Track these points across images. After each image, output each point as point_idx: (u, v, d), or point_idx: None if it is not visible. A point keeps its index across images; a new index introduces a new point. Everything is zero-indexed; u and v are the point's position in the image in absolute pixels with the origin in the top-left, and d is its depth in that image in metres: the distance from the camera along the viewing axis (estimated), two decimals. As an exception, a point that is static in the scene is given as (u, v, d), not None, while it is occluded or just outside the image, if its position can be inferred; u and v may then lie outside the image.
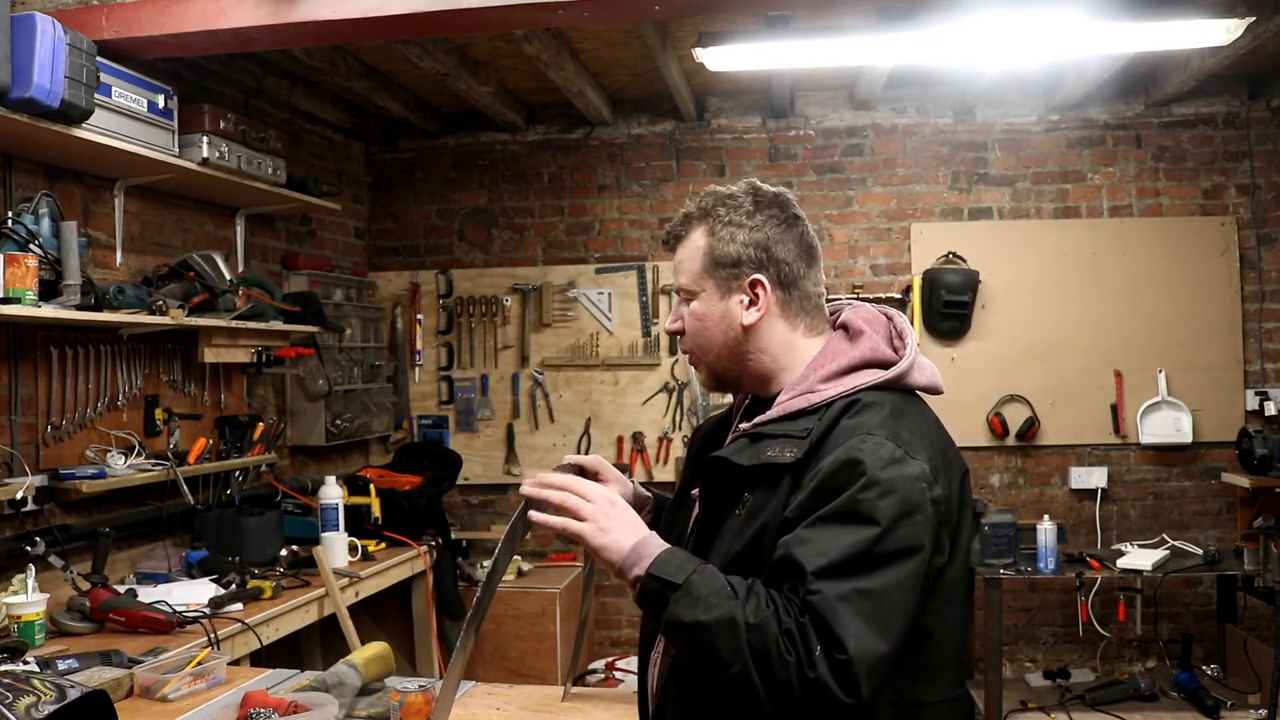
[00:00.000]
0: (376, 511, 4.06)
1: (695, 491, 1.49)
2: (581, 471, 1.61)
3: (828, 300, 1.51)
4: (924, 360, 1.42)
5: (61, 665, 2.27)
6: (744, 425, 1.42)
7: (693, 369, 1.52)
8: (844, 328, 1.45)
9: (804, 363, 1.42)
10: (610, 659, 4.60)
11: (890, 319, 1.46)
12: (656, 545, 1.30)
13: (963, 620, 1.40)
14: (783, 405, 1.38)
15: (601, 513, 1.32)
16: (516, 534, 1.39)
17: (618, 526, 1.32)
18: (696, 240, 1.45)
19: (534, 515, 1.34)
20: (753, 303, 1.42)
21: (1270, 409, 4.60)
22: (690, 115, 4.92)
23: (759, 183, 1.48)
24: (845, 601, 1.18)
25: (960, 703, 1.38)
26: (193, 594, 3.02)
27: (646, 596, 1.27)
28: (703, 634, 1.21)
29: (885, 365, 1.38)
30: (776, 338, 1.43)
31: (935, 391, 1.43)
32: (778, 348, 1.43)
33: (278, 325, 3.81)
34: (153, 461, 3.32)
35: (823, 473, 1.26)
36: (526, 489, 1.37)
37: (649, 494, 1.68)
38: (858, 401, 1.33)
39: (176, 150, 3.28)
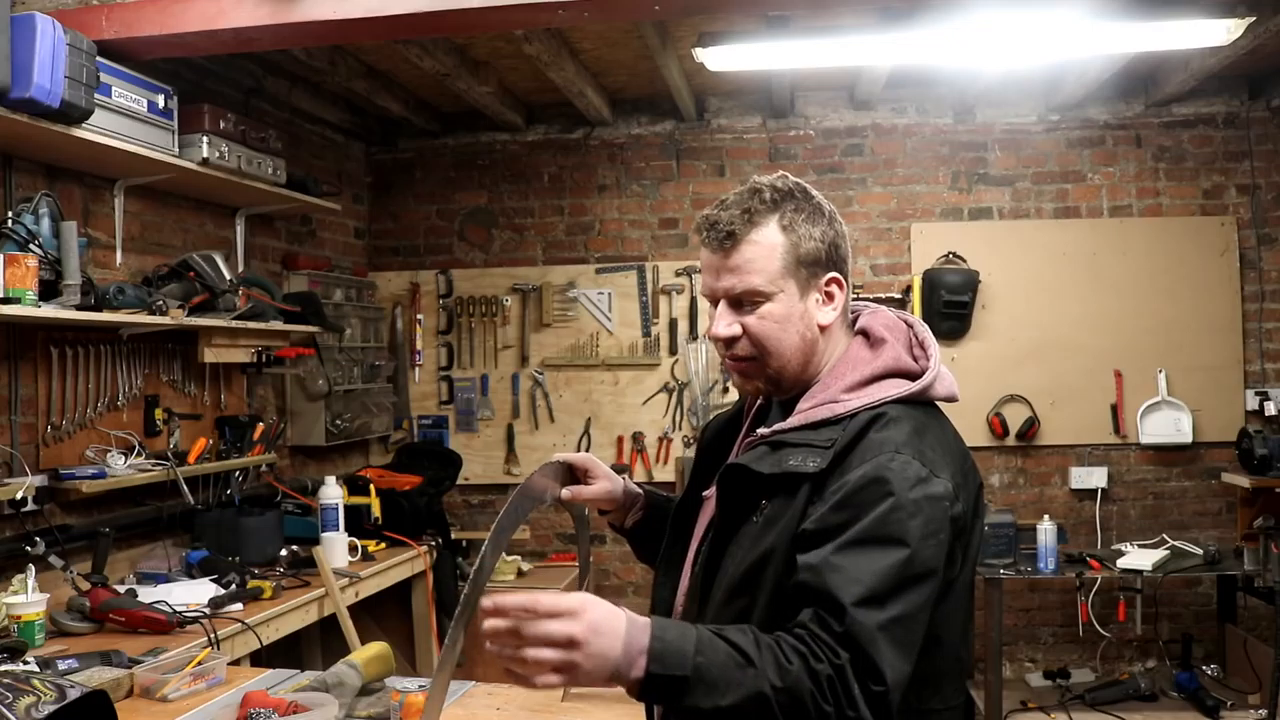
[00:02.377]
0: (376, 511, 4.06)
1: (707, 493, 1.46)
2: (570, 470, 1.60)
3: None
4: (944, 370, 1.40)
5: (61, 665, 2.27)
6: (763, 430, 1.39)
7: (734, 376, 1.44)
8: (863, 333, 1.42)
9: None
10: (610, 659, 4.59)
11: (910, 326, 1.43)
12: (640, 637, 1.13)
13: (968, 627, 1.38)
14: (804, 414, 1.35)
15: (577, 656, 1.11)
16: (485, 567, 1.26)
17: (595, 651, 1.11)
18: (769, 237, 1.35)
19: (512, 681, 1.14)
20: (827, 301, 1.39)
21: (1270, 409, 4.59)
22: (690, 115, 4.92)
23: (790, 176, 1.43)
24: (884, 631, 1.16)
25: (962, 710, 1.38)
26: (193, 594, 3.02)
27: (652, 693, 1.14)
28: (729, 717, 1.13)
29: (907, 375, 1.36)
30: (835, 338, 1.41)
31: (953, 400, 1.41)
32: (833, 348, 1.41)
33: (278, 325, 3.80)
34: (153, 461, 3.32)
35: (848, 487, 1.23)
36: (490, 646, 1.13)
37: (639, 490, 1.66)
38: (883, 415, 1.30)
39: (176, 150, 3.27)
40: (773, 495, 1.31)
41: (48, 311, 2.71)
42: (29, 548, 2.84)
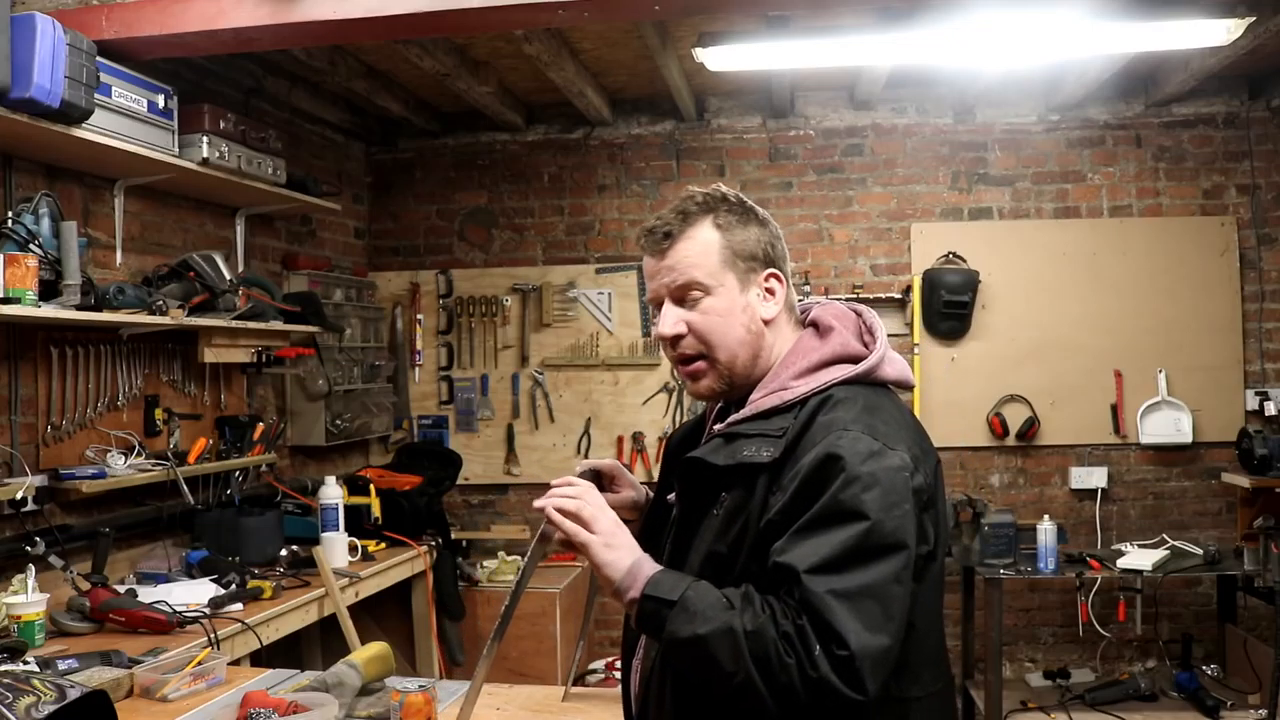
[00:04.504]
0: (376, 511, 4.06)
1: (672, 496, 1.49)
2: (599, 476, 1.61)
3: (801, 299, 1.53)
4: (894, 354, 1.44)
5: (61, 665, 2.27)
6: (718, 426, 1.42)
7: (687, 381, 1.46)
8: (814, 325, 1.47)
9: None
10: (610, 659, 4.59)
11: (859, 315, 1.48)
12: (651, 567, 1.32)
13: (941, 612, 1.41)
14: (755, 403, 1.39)
15: (609, 530, 1.34)
16: (547, 541, 1.42)
17: (622, 545, 1.34)
18: (704, 235, 1.42)
19: (551, 513, 1.37)
20: (769, 296, 1.43)
21: (1270, 409, 4.59)
22: (690, 115, 4.92)
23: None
24: (841, 598, 1.18)
25: (943, 696, 1.39)
26: (193, 594, 3.02)
27: (644, 618, 1.29)
28: (702, 647, 1.21)
29: (856, 360, 1.39)
30: (782, 333, 1.45)
31: (906, 386, 1.45)
32: (781, 343, 1.44)
33: (278, 325, 3.80)
34: (153, 461, 3.32)
35: (803, 471, 1.26)
36: (545, 502, 1.39)
37: None
38: (831, 397, 1.34)
39: (176, 150, 3.27)
40: (730, 487, 1.34)
41: (48, 311, 2.71)
42: (29, 548, 2.84)
